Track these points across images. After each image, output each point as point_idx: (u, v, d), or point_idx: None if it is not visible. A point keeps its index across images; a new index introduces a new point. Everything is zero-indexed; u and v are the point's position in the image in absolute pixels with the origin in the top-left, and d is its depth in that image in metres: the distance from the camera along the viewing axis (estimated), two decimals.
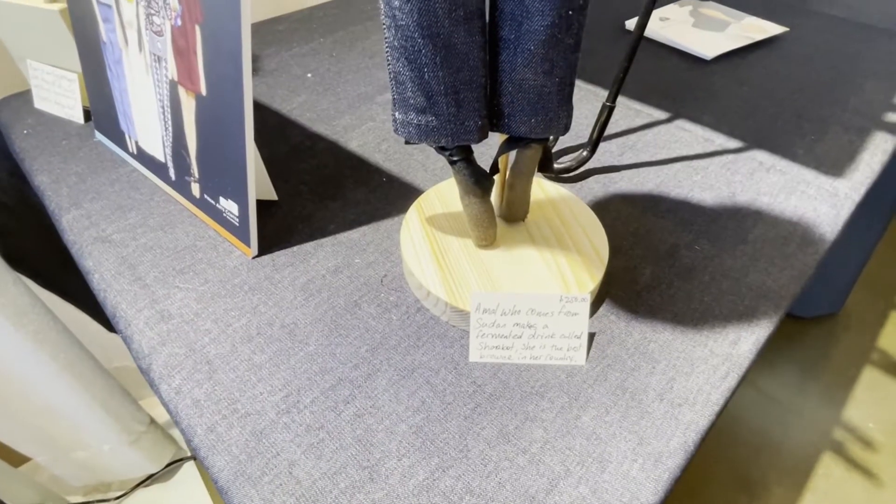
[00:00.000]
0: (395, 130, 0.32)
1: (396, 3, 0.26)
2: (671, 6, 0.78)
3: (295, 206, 0.44)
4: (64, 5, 0.48)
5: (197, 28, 0.33)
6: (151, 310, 0.36)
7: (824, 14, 0.78)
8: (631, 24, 0.73)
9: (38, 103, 0.55)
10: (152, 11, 0.36)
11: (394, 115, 0.31)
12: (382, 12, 0.28)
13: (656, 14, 0.75)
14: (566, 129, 0.32)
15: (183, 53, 0.35)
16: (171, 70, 0.37)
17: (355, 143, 0.51)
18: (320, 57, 0.65)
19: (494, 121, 0.32)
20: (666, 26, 0.71)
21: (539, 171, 0.37)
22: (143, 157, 0.45)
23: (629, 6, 0.78)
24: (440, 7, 0.26)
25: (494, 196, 0.38)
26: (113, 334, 0.85)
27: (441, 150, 0.33)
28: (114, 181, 0.46)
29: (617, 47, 0.68)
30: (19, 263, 0.71)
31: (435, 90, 0.29)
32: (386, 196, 0.45)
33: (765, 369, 1.31)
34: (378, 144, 0.51)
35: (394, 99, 0.31)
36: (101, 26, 0.42)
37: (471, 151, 0.33)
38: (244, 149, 0.35)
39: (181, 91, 0.37)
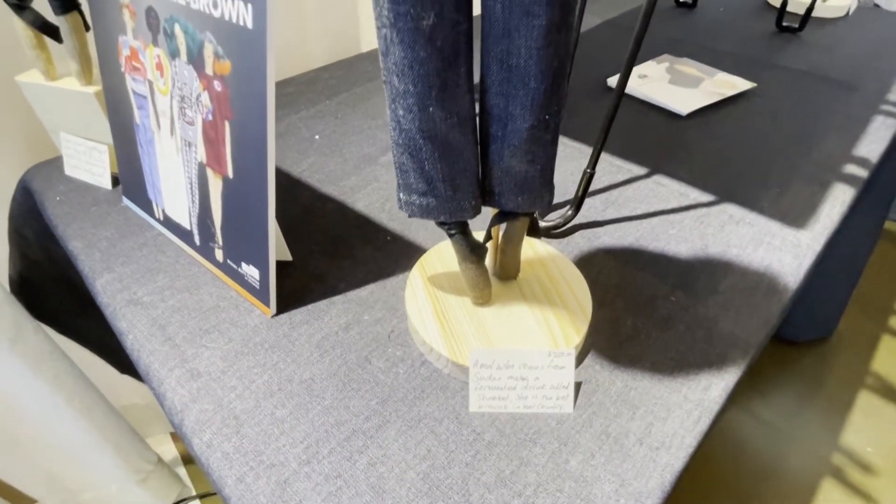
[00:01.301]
0: (400, 208, 0.36)
1: (401, 112, 0.31)
2: (650, 62, 0.84)
3: (308, 265, 0.49)
4: (99, 88, 0.53)
5: (226, 123, 0.38)
6: (182, 369, 0.40)
7: (790, 68, 0.84)
8: (613, 81, 0.79)
9: (69, 171, 0.60)
10: (185, 105, 0.41)
11: (399, 195, 0.36)
12: (389, 116, 0.33)
13: (636, 71, 0.81)
14: (549, 204, 0.37)
15: (212, 142, 0.40)
16: (201, 154, 0.42)
17: (361, 203, 0.56)
18: (326, 119, 0.70)
19: (486, 198, 0.37)
20: (644, 83, 0.78)
21: (528, 235, 0.42)
22: (169, 223, 0.50)
23: (612, 64, 0.84)
24: (437, 115, 0.31)
25: (489, 259, 0.43)
26: (123, 375, 0.88)
27: (441, 224, 0.37)
28: (142, 245, 0.51)
29: (601, 104, 0.74)
30: (40, 311, 0.75)
31: (434, 178, 0.34)
32: (391, 254, 0.50)
33: (761, 396, 1.34)
34: (382, 204, 0.56)
35: (399, 183, 0.36)
36: (136, 111, 0.47)
37: (466, 225, 0.38)
38: (266, 223, 0.39)
39: (209, 172, 0.42)
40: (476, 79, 0.32)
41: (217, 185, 0.42)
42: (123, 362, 0.85)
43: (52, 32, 0.51)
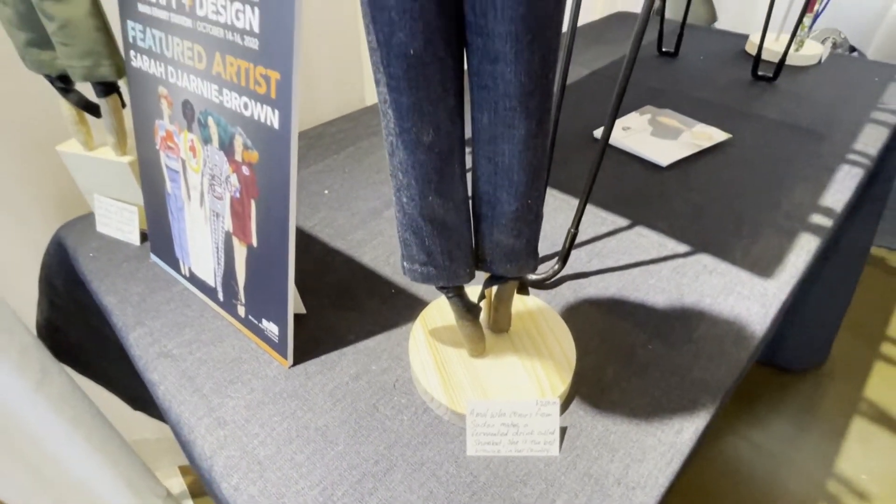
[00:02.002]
0: (404, 273, 0.42)
1: (405, 199, 0.37)
2: (633, 114, 0.91)
3: (320, 317, 0.54)
4: (132, 158, 0.59)
5: (252, 201, 0.44)
6: (209, 417, 0.44)
7: (764, 118, 0.90)
8: (599, 133, 0.85)
9: (100, 228, 0.65)
10: (215, 183, 0.46)
11: (403, 263, 0.41)
12: (394, 200, 0.38)
13: (620, 123, 0.88)
14: (534, 269, 0.42)
15: (239, 216, 0.46)
16: (228, 224, 0.47)
17: (368, 256, 0.61)
18: (335, 174, 0.76)
19: (480, 265, 0.42)
20: (628, 135, 0.84)
21: (517, 293, 0.47)
22: (195, 280, 0.55)
23: (598, 115, 0.91)
24: (436, 202, 0.36)
25: (483, 314, 0.48)
26: (136, 411, 0.92)
27: (440, 288, 0.43)
28: (169, 300, 0.56)
29: (587, 155, 0.80)
30: (63, 353, 0.80)
31: (434, 251, 0.39)
32: (395, 306, 0.55)
33: (757, 422, 1.37)
34: (387, 258, 0.61)
35: (403, 253, 0.41)
36: (168, 183, 0.53)
37: (462, 288, 0.43)
38: (286, 287, 0.45)
39: (235, 240, 0.47)
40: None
41: (242, 251, 0.47)
42: (136, 399, 0.89)
43: (93, 110, 0.58)
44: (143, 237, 0.64)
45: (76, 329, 0.78)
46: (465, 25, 0.30)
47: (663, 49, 1.17)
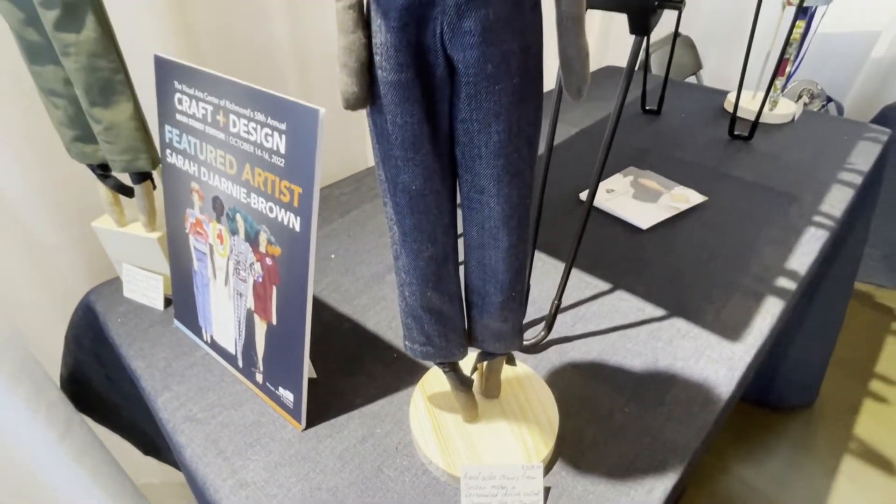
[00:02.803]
0: (406, 350, 0.48)
1: (407, 293, 0.43)
2: (617, 176, 0.98)
3: (329, 382, 0.59)
4: (161, 234, 0.66)
5: (274, 286, 0.50)
6: (233, 479, 0.50)
7: (739, 179, 0.98)
8: (584, 195, 0.92)
9: (127, 293, 0.72)
10: (240, 268, 0.53)
11: (405, 342, 0.47)
12: (397, 292, 0.44)
13: (604, 185, 0.95)
14: (520, 347, 0.48)
15: (261, 297, 0.52)
16: (250, 303, 0.54)
17: (372, 322, 0.67)
18: (340, 238, 0.83)
19: (472, 343, 0.48)
20: (611, 198, 0.91)
21: (506, 363, 0.53)
22: (216, 346, 0.61)
23: (584, 176, 0.98)
24: (434, 297, 0.43)
25: (476, 383, 0.54)
26: (146, 456, 0.96)
27: (438, 364, 0.49)
28: (192, 364, 0.62)
29: (573, 217, 0.87)
30: (85, 405, 0.86)
31: (431, 334, 0.45)
32: (397, 371, 0.61)
33: (749, 461, 1.41)
34: (389, 322, 0.67)
35: (404, 334, 0.47)
36: (195, 262, 0.59)
37: (457, 364, 0.49)
38: (301, 360, 0.50)
39: (256, 317, 0.53)
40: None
41: (262, 327, 0.53)
42: (147, 444, 0.94)
43: (128, 192, 0.65)
44: (166, 302, 0.70)
45: (96, 382, 0.83)
46: (457, 165, 0.37)
47: (647, 107, 1.26)
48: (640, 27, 0.45)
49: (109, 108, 0.55)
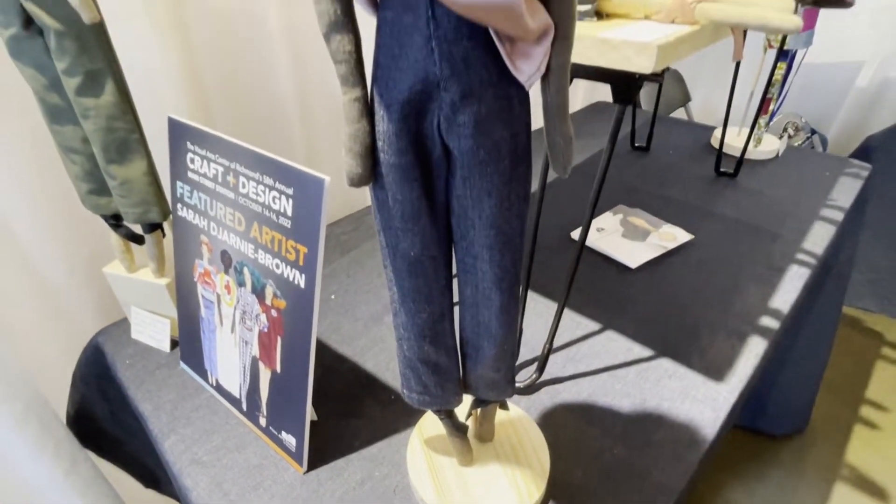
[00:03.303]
0: (404, 398, 0.50)
1: (405, 346, 0.46)
2: (607, 214, 1.02)
3: (329, 425, 0.62)
4: (169, 280, 0.68)
5: (279, 337, 0.53)
6: None
7: (724, 216, 1.01)
8: (576, 234, 0.96)
9: (135, 335, 0.74)
10: (246, 318, 0.56)
11: (403, 390, 0.50)
12: (396, 345, 0.47)
13: (595, 223, 0.98)
14: (512, 394, 0.51)
15: (266, 346, 0.55)
16: (255, 351, 0.56)
17: (371, 363, 0.70)
18: (340, 278, 0.86)
19: (467, 390, 0.51)
20: (602, 237, 0.94)
21: (499, 408, 0.55)
22: (221, 390, 0.63)
23: (576, 215, 1.02)
24: (430, 350, 0.46)
25: (470, 427, 0.56)
26: (147, 489, 0.97)
27: (434, 411, 0.51)
28: (198, 407, 0.64)
29: (565, 256, 0.90)
30: (89, 440, 0.87)
31: (428, 384, 0.48)
32: (395, 413, 0.63)
33: (743, 488, 1.42)
34: (387, 364, 0.70)
35: (402, 383, 0.50)
36: (202, 309, 0.62)
37: (453, 411, 0.52)
38: (304, 406, 0.53)
39: (261, 365, 0.56)
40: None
41: (266, 374, 0.56)
42: (148, 478, 0.95)
43: (138, 240, 0.68)
44: (173, 344, 0.72)
45: (101, 418, 0.85)
46: (452, 232, 0.40)
47: (636, 144, 1.30)
48: (624, 98, 0.48)
49: (124, 166, 0.59)
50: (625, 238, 0.94)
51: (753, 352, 0.71)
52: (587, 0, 0.48)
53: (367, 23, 0.33)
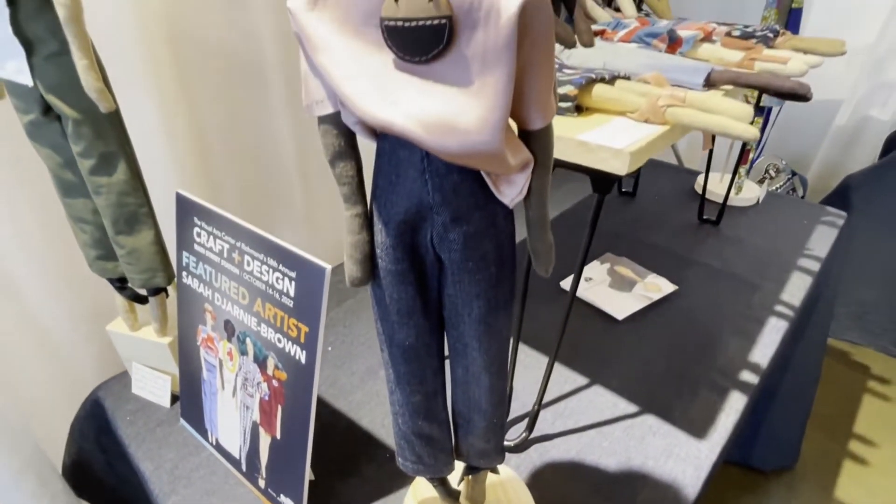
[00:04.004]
0: (399, 466, 0.53)
1: (400, 421, 0.49)
2: (594, 263, 1.05)
3: (326, 483, 0.64)
4: (171, 339, 0.71)
5: (279, 406, 0.55)
6: None
7: (707, 265, 1.06)
8: (565, 283, 0.99)
9: (135, 390, 0.76)
10: (248, 384, 0.58)
11: (398, 458, 0.52)
12: (391, 418, 0.50)
13: (583, 273, 1.02)
14: (502, 461, 0.54)
15: (266, 413, 0.57)
16: (255, 416, 0.59)
17: (366, 419, 0.72)
18: (337, 329, 0.89)
19: (459, 458, 0.53)
20: (590, 287, 0.98)
21: (490, 472, 0.58)
22: (221, 449, 0.65)
23: (565, 263, 1.05)
24: (424, 425, 0.48)
25: (462, 493, 0.59)
26: None
27: (428, 479, 0.54)
28: (198, 466, 0.66)
29: (556, 306, 0.94)
30: (84, 491, 0.88)
31: (422, 455, 0.50)
32: (390, 473, 0.65)
33: None
34: (382, 420, 0.72)
35: (397, 452, 0.52)
36: (205, 372, 0.64)
37: (445, 478, 0.54)
38: (303, 471, 0.55)
39: (261, 429, 0.58)
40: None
41: (266, 439, 0.58)
42: None
43: (142, 301, 0.70)
44: (173, 399, 0.74)
45: (97, 468, 0.86)
46: (444, 322, 0.44)
47: (623, 189, 1.35)
48: (602, 189, 0.52)
49: (133, 236, 0.62)
50: (612, 288, 0.98)
51: (734, 408, 0.74)
52: (568, 98, 0.52)
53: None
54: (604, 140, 0.46)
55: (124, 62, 0.69)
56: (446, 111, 0.29)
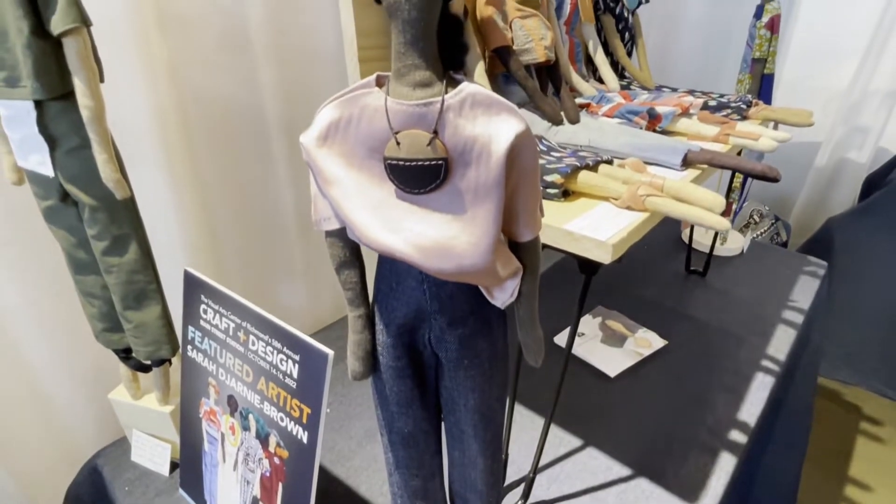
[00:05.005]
0: None
1: (399, 501, 0.50)
2: (587, 317, 1.08)
3: None
4: (172, 408, 0.72)
5: (280, 482, 0.57)
6: None
7: (695, 319, 1.09)
8: (558, 339, 1.02)
9: (135, 457, 0.77)
10: (249, 459, 0.59)
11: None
12: (390, 498, 0.51)
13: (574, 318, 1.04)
14: None
15: (267, 489, 0.58)
16: (256, 491, 0.60)
17: (364, 486, 0.73)
18: (335, 389, 0.90)
19: None
20: (582, 342, 1.00)
21: None
22: None
23: (559, 316, 1.08)
24: (422, 503, 0.50)
25: None
26: None
27: None
28: None
29: (549, 361, 0.95)
30: None
31: None
32: None
33: None
34: (380, 487, 0.73)
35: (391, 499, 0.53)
36: (206, 444, 0.65)
37: None
38: None
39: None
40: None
41: None
42: None
43: (146, 370, 0.72)
44: (172, 467, 0.75)
45: None
46: (442, 410, 0.46)
47: None
48: (589, 271, 0.56)
49: (140, 311, 0.64)
50: (604, 344, 1.00)
51: (724, 469, 0.76)
52: (555, 186, 0.56)
53: None
54: (588, 230, 0.50)
55: (138, 142, 0.73)
56: (442, 237, 0.33)
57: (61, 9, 0.46)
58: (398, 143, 0.32)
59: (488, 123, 0.31)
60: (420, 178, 0.32)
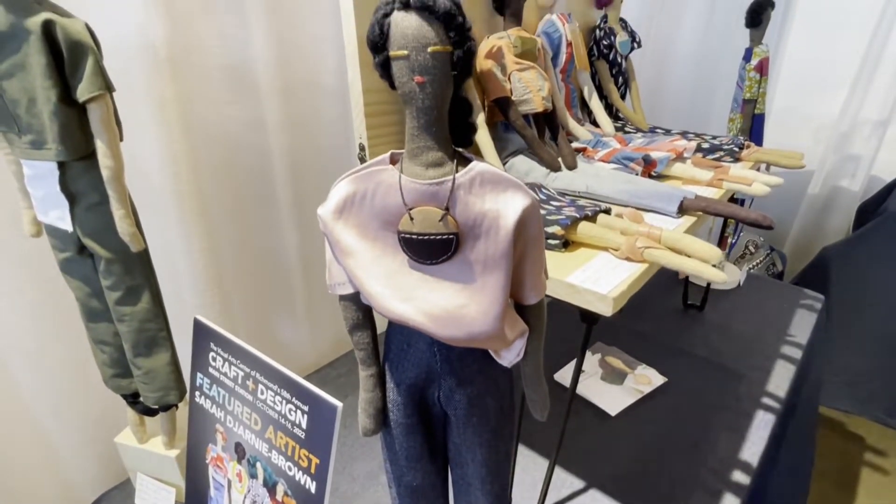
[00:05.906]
0: None
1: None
2: (586, 354, 1.09)
3: None
4: (178, 452, 0.73)
5: None
6: None
7: (694, 355, 1.10)
8: (559, 376, 1.03)
9: (138, 501, 0.77)
10: None
11: None
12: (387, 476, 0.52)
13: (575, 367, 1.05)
14: None
15: None
16: None
17: None
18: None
19: None
20: (582, 380, 1.01)
21: None
22: None
23: (559, 353, 1.09)
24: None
25: None
26: None
27: None
28: None
29: (550, 401, 0.96)
30: None
31: None
32: None
33: None
34: None
35: None
36: (212, 489, 0.66)
37: None
38: None
39: None
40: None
41: None
42: None
43: (152, 414, 0.72)
44: None
45: None
46: (449, 462, 0.47)
47: None
48: (590, 321, 0.57)
49: (150, 358, 0.65)
50: (604, 381, 1.01)
51: None
52: (556, 237, 0.58)
53: None
54: (589, 283, 0.52)
55: (151, 192, 0.75)
56: (453, 305, 0.34)
57: (87, 77, 0.49)
58: (412, 219, 0.34)
59: (496, 199, 0.33)
60: (432, 250, 0.34)
